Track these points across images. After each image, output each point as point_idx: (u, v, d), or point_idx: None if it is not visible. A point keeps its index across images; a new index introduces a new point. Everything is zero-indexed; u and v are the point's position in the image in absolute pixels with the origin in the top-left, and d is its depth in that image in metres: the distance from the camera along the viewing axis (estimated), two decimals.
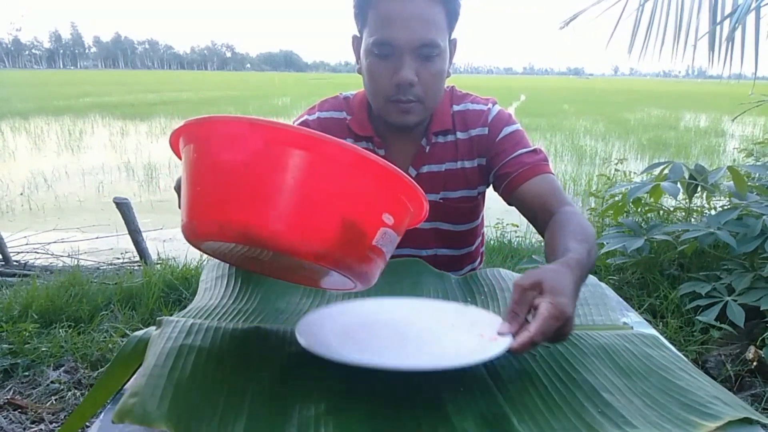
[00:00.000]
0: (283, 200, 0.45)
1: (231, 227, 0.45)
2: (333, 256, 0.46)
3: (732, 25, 1.89)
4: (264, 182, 0.45)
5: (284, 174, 0.45)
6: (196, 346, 0.56)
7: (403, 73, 0.81)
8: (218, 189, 0.46)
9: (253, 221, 0.45)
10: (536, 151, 0.92)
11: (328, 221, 0.46)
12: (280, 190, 0.45)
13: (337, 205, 0.46)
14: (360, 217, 0.48)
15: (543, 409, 0.53)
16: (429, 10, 0.80)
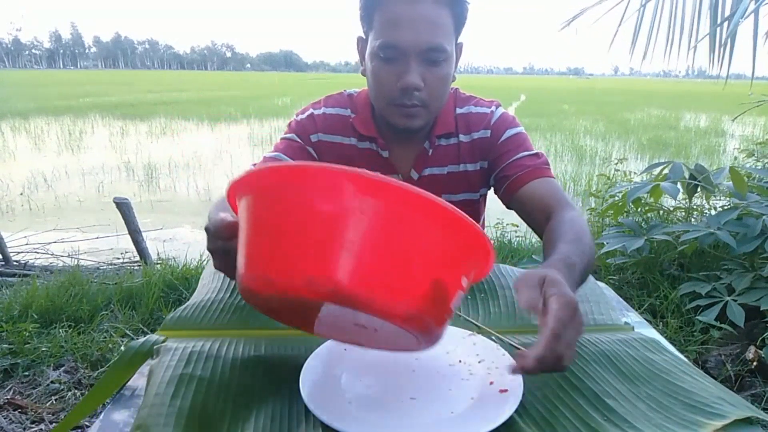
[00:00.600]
0: (381, 258, 0.42)
1: (321, 283, 0.41)
2: (420, 319, 0.44)
3: (731, 26, 1.88)
4: (362, 238, 0.42)
5: (384, 230, 0.42)
6: (196, 375, 0.56)
7: (408, 78, 0.80)
8: (310, 241, 0.42)
9: (348, 278, 0.41)
10: (538, 154, 0.92)
11: (421, 282, 0.43)
12: (378, 246, 0.42)
13: (430, 264, 0.44)
14: (447, 278, 0.46)
15: (547, 417, 0.53)
16: (436, 13, 0.79)
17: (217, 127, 10.70)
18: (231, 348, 0.63)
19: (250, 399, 0.54)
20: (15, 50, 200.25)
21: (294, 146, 0.95)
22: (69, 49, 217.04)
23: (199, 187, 5.44)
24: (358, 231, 0.42)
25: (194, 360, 0.58)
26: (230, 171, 6.02)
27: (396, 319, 0.43)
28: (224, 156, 7.24)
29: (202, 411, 0.51)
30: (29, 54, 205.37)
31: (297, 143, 0.95)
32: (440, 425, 0.51)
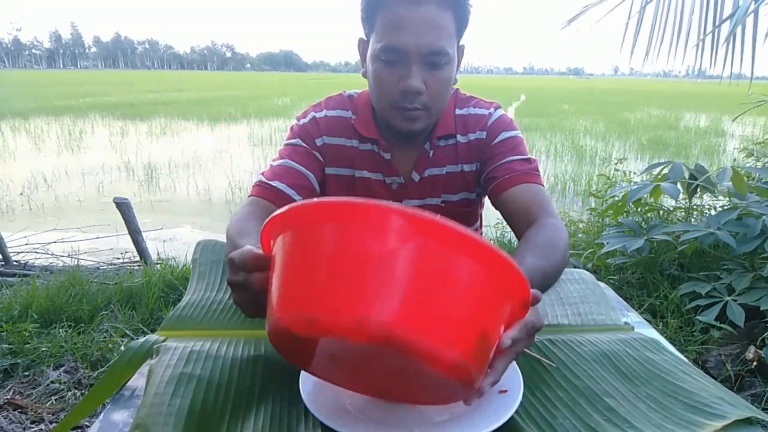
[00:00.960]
0: (435, 301, 0.40)
1: (372, 324, 0.39)
2: (466, 368, 0.42)
3: (731, 26, 1.88)
4: (416, 279, 0.40)
5: (438, 272, 0.41)
6: (196, 375, 0.56)
7: (410, 81, 0.80)
8: (362, 281, 0.40)
9: (401, 320, 0.39)
10: (529, 160, 0.92)
11: (471, 327, 0.42)
12: (432, 288, 0.40)
13: (480, 310, 0.43)
14: (491, 325, 0.45)
15: (547, 417, 0.53)
16: (439, 16, 0.79)
17: (217, 127, 10.70)
18: (231, 348, 0.63)
19: (249, 399, 0.54)
20: (15, 50, 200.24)
21: (300, 151, 0.94)
22: (69, 49, 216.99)
23: (199, 187, 5.44)
24: (413, 272, 0.40)
25: (194, 360, 0.58)
26: (230, 171, 6.02)
27: (444, 367, 0.41)
28: (224, 156, 7.24)
29: (201, 411, 0.51)
30: (29, 54, 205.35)
31: (303, 147, 0.94)
32: (440, 426, 0.51)
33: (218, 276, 0.83)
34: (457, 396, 0.47)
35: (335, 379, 0.53)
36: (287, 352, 0.48)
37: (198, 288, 0.80)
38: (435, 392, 0.48)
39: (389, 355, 0.41)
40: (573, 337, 0.68)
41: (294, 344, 0.45)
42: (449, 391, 0.46)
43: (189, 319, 0.72)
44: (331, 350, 0.45)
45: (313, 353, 0.46)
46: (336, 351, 0.45)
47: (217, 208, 4.74)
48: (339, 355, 0.46)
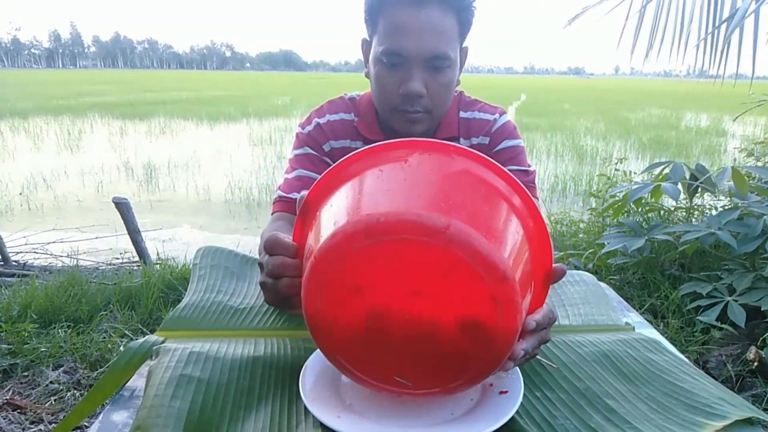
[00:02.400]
0: (486, 222, 0.46)
1: (433, 220, 0.43)
2: (513, 285, 0.44)
3: (732, 26, 1.88)
4: (473, 203, 0.47)
5: (489, 204, 0.48)
6: (195, 376, 0.55)
7: (411, 85, 0.79)
8: (421, 197, 0.46)
9: (459, 222, 0.43)
10: (527, 172, 0.92)
11: (511, 255, 0.46)
12: (484, 213, 0.47)
13: (518, 250, 0.47)
14: (526, 271, 0.49)
15: (547, 417, 0.53)
16: (441, 20, 0.78)
17: (217, 126, 10.70)
18: (230, 349, 0.62)
19: (249, 399, 0.54)
20: (14, 50, 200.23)
21: (311, 159, 0.94)
22: (68, 49, 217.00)
23: (199, 187, 5.43)
24: (468, 193, 0.48)
25: (193, 361, 0.58)
26: (230, 171, 6.01)
27: (495, 272, 0.43)
28: (224, 156, 7.24)
29: (201, 412, 0.51)
30: (28, 53, 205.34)
31: (313, 155, 0.95)
32: (440, 427, 0.50)
33: (218, 279, 0.83)
34: (492, 354, 0.47)
35: (363, 357, 0.51)
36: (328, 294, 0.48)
37: (198, 290, 0.80)
38: (469, 351, 0.47)
39: (440, 266, 0.44)
40: (573, 338, 0.68)
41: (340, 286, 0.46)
42: (486, 346, 0.46)
43: (188, 319, 0.72)
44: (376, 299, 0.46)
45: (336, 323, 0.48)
46: (380, 296, 0.46)
47: (217, 208, 4.74)
48: (379, 305, 0.47)
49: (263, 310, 0.76)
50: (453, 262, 0.43)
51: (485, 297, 0.44)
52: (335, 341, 0.50)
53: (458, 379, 0.49)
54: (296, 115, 12.71)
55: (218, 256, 0.90)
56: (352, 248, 0.44)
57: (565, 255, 2.57)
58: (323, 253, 0.46)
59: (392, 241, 0.43)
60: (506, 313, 0.44)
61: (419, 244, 0.43)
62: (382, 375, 0.51)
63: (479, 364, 0.47)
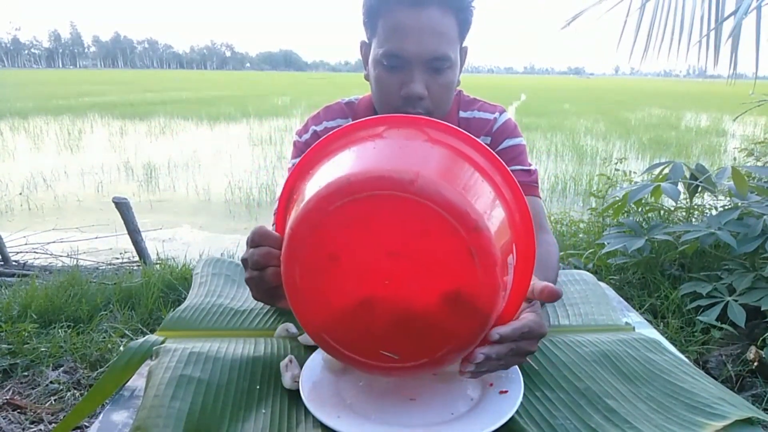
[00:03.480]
0: (464, 183, 0.47)
1: (407, 174, 0.43)
2: (487, 236, 0.44)
3: (733, 25, 1.88)
4: (450, 167, 0.49)
5: (467, 172, 0.49)
6: (195, 376, 0.55)
7: (412, 87, 0.79)
8: (401, 159, 0.47)
9: (431, 175, 0.44)
10: (530, 171, 0.92)
11: (487, 211, 0.47)
12: (461, 176, 0.48)
13: (495, 215, 0.49)
14: (506, 240, 0.50)
15: (547, 417, 0.53)
16: (441, 21, 0.78)
17: (217, 126, 10.70)
18: (230, 349, 0.62)
19: (249, 400, 0.54)
20: (14, 50, 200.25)
21: None
22: (68, 49, 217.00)
23: (199, 187, 5.43)
24: (446, 160, 0.49)
25: (193, 361, 0.58)
26: (229, 171, 6.01)
27: (467, 222, 0.43)
28: (224, 156, 7.23)
29: (201, 412, 0.51)
30: (28, 53, 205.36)
31: None
32: (440, 427, 0.50)
33: (219, 285, 0.84)
34: (476, 315, 0.46)
35: (347, 323, 0.50)
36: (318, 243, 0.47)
37: (198, 294, 0.80)
38: (446, 311, 0.46)
39: (413, 221, 0.43)
40: (574, 338, 0.68)
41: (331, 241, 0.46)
42: (462, 311, 0.46)
43: (188, 320, 0.72)
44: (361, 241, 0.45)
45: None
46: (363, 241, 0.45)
47: (217, 208, 4.74)
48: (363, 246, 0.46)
49: (263, 311, 0.76)
50: (425, 215, 0.43)
51: (462, 251, 0.43)
52: (317, 317, 0.49)
53: (445, 346, 0.48)
54: (296, 115, 12.71)
55: (219, 265, 0.90)
56: (325, 212, 0.45)
57: (565, 255, 2.57)
58: (297, 221, 0.46)
59: (363, 199, 0.44)
60: (484, 267, 0.44)
61: (389, 199, 0.43)
62: (368, 350, 0.50)
63: (464, 326, 0.47)
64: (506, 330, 0.50)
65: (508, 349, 0.51)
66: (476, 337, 0.47)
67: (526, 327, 0.51)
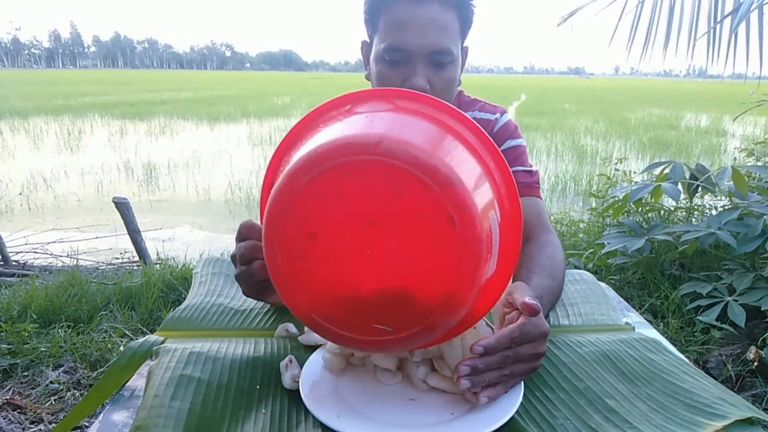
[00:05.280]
0: (432, 143, 0.47)
1: (375, 137, 0.43)
2: (460, 192, 0.43)
3: (734, 25, 1.88)
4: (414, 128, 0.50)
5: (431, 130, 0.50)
6: (195, 376, 0.55)
7: (414, 81, 0.79)
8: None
9: (392, 137, 0.45)
10: (531, 172, 0.92)
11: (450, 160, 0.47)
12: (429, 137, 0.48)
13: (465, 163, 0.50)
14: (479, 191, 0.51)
15: (547, 417, 0.53)
16: (442, 16, 0.78)
17: (217, 126, 10.70)
18: (230, 349, 0.62)
19: (249, 400, 0.54)
20: (14, 50, 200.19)
21: None
22: (68, 49, 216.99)
23: (199, 187, 5.43)
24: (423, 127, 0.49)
25: (193, 361, 0.58)
26: (230, 171, 6.01)
27: (438, 180, 0.42)
28: (224, 155, 7.23)
29: (201, 412, 0.51)
30: (28, 53, 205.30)
31: None
32: (440, 427, 0.50)
33: (219, 285, 0.83)
34: (462, 272, 0.45)
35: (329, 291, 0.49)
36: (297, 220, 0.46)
37: (198, 293, 0.80)
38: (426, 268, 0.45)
39: (385, 185, 0.43)
40: (574, 338, 0.68)
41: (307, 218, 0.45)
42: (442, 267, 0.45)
43: (188, 320, 0.72)
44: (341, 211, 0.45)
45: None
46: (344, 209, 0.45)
47: (217, 208, 4.74)
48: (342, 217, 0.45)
49: (263, 311, 0.76)
50: (395, 176, 0.42)
51: (437, 209, 0.42)
52: (304, 298, 0.48)
53: (436, 310, 0.46)
54: (296, 115, 12.70)
55: (219, 264, 0.90)
56: (297, 188, 0.44)
57: (565, 255, 2.57)
58: (273, 201, 0.45)
59: (332, 168, 0.43)
60: (463, 223, 0.42)
61: (357, 165, 0.43)
62: (359, 326, 0.49)
63: (452, 286, 0.46)
64: (490, 341, 0.50)
65: (501, 357, 0.51)
66: (467, 294, 0.46)
67: (516, 332, 0.52)
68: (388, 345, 0.49)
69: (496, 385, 0.52)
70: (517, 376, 0.53)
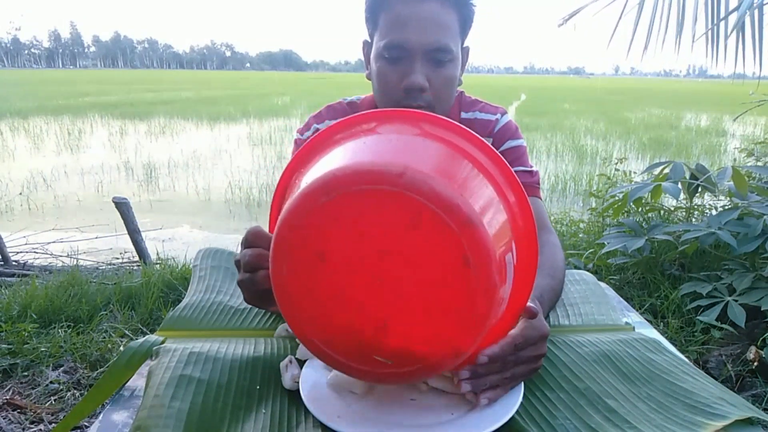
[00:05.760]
0: (450, 176, 0.46)
1: (396, 168, 0.42)
2: (466, 209, 0.43)
3: (735, 22, 1.88)
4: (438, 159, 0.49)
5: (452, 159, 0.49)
6: (195, 377, 0.55)
7: (413, 78, 0.79)
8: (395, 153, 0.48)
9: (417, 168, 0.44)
10: (532, 172, 0.92)
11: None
12: (445, 167, 0.47)
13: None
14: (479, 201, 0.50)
15: (547, 417, 0.53)
16: (443, 14, 0.78)
17: (217, 126, 10.70)
18: (230, 349, 0.62)
19: (249, 400, 0.54)
20: (14, 50, 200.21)
21: None
22: (68, 49, 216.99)
23: (199, 187, 5.43)
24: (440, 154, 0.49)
25: (193, 361, 0.58)
26: (230, 170, 6.01)
27: (441, 203, 0.41)
28: (224, 155, 7.23)
29: (201, 412, 0.51)
30: (28, 53, 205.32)
31: None
32: (440, 427, 0.50)
33: (218, 279, 0.83)
34: (469, 316, 0.43)
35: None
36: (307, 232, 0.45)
37: (198, 290, 0.80)
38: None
39: (402, 217, 0.42)
40: (574, 338, 0.68)
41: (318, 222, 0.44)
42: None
43: (188, 319, 0.72)
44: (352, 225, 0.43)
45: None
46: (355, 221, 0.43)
47: (217, 208, 4.74)
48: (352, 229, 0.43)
49: (263, 311, 0.76)
50: (414, 209, 0.41)
51: (453, 248, 0.41)
52: (306, 319, 0.47)
53: (440, 352, 0.45)
54: (296, 115, 12.70)
55: (218, 257, 0.90)
56: (313, 208, 0.43)
57: (565, 255, 2.57)
58: (285, 218, 0.44)
59: (350, 194, 0.42)
60: (478, 265, 0.41)
61: (377, 194, 0.41)
62: (359, 355, 0.47)
63: (458, 329, 0.44)
64: (494, 351, 0.51)
65: (503, 361, 0.51)
66: (473, 341, 0.45)
67: (519, 339, 0.52)
68: (387, 378, 0.48)
69: (497, 387, 0.52)
70: (518, 378, 0.54)
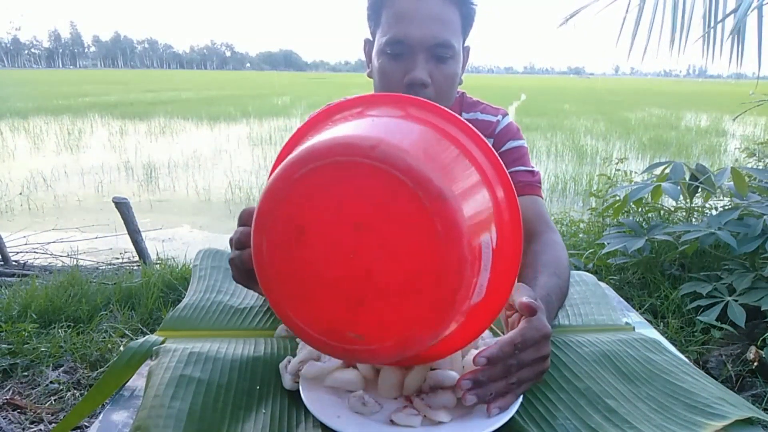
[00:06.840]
0: (431, 154, 0.47)
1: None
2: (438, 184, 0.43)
3: (736, 22, 1.88)
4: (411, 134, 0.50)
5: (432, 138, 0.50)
6: (195, 377, 0.55)
7: (415, 73, 0.79)
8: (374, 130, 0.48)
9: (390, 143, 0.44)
10: (533, 172, 0.92)
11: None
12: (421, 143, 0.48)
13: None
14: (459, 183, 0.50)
15: (547, 417, 0.53)
16: (444, 10, 0.79)
17: (217, 126, 10.70)
18: (230, 349, 0.62)
19: (249, 400, 0.54)
20: (14, 50, 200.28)
21: None
22: (68, 49, 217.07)
23: (199, 187, 5.43)
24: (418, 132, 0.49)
25: (193, 361, 0.58)
26: (230, 171, 6.01)
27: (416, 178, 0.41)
28: (223, 155, 7.23)
29: (201, 412, 0.51)
30: (28, 53, 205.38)
31: None
32: (441, 427, 0.50)
33: (218, 279, 0.83)
34: (440, 290, 0.43)
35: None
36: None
37: (198, 290, 0.80)
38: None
39: (376, 190, 0.42)
40: (574, 338, 0.68)
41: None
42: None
43: (188, 319, 0.72)
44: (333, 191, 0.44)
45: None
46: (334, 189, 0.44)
47: (217, 208, 4.74)
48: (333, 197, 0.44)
49: (263, 310, 0.76)
50: (387, 183, 0.41)
51: (425, 222, 0.41)
52: (284, 294, 0.47)
53: (410, 327, 0.44)
54: (296, 115, 12.70)
55: (218, 257, 0.90)
56: (290, 181, 0.44)
57: None
58: (264, 193, 0.45)
59: (325, 166, 0.43)
60: (448, 240, 0.41)
61: (351, 166, 0.42)
62: (334, 331, 0.47)
63: (429, 306, 0.43)
64: (492, 351, 0.49)
65: (505, 366, 0.50)
66: (444, 322, 0.44)
67: (518, 337, 0.51)
68: (360, 355, 0.47)
69: (506, 394, 0.50)
70: (526, 382, 0.52)
